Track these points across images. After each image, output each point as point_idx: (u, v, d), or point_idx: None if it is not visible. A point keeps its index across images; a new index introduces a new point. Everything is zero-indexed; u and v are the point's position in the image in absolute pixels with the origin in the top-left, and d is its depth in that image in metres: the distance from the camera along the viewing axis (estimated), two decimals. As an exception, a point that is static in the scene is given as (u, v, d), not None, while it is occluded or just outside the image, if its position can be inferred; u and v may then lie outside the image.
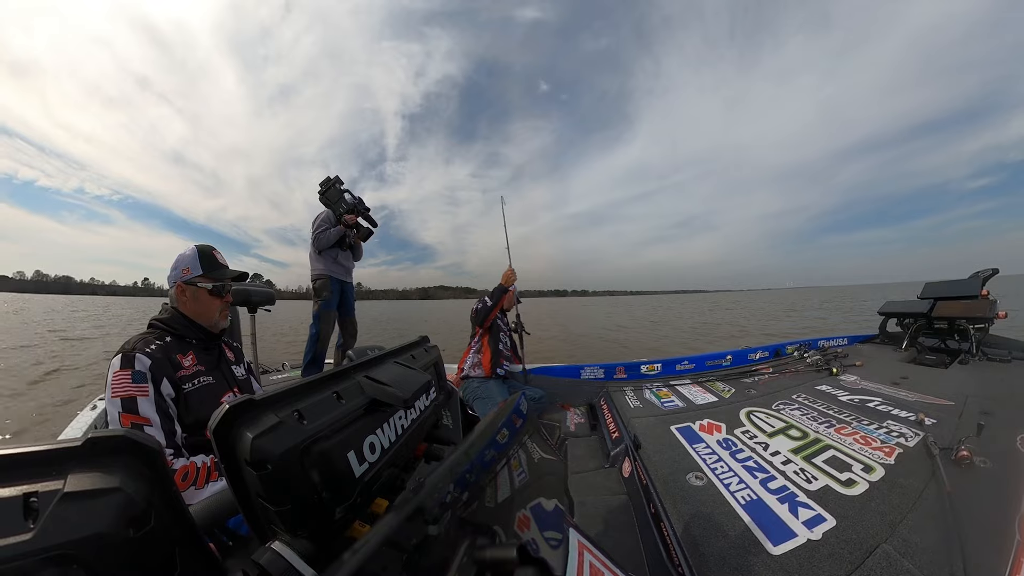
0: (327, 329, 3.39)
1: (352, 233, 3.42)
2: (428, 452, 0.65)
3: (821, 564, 1.29)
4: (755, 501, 1.65)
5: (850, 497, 1.64)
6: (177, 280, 1.36)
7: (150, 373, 1.15)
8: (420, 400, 0.64)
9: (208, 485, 1.09)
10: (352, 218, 3.33)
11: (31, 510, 0.26)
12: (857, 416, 2.50)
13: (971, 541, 1.32)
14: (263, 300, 2.72)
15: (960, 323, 4.10)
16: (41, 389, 7.31)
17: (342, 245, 3.39)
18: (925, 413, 2.39)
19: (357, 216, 3.40)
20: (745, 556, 1.36)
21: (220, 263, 1.43)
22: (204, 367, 1.32)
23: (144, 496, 0.31)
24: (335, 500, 0.41)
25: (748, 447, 2.15)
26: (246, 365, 1.57)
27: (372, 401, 0.51)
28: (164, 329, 1.32)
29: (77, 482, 0.28)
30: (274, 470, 0.36)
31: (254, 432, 0.37)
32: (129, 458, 0.32)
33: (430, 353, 0.86)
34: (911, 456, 1.92)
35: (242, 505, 0.39)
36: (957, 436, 1.99)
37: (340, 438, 0.44)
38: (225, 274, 1.42)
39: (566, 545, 0.62)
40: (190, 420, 1.20)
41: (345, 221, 3.30)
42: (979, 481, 1.66)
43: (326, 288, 3.32)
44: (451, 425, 0.92)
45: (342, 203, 3.32)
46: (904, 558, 1.28)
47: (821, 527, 1.46)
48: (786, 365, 4.06)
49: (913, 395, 2.83)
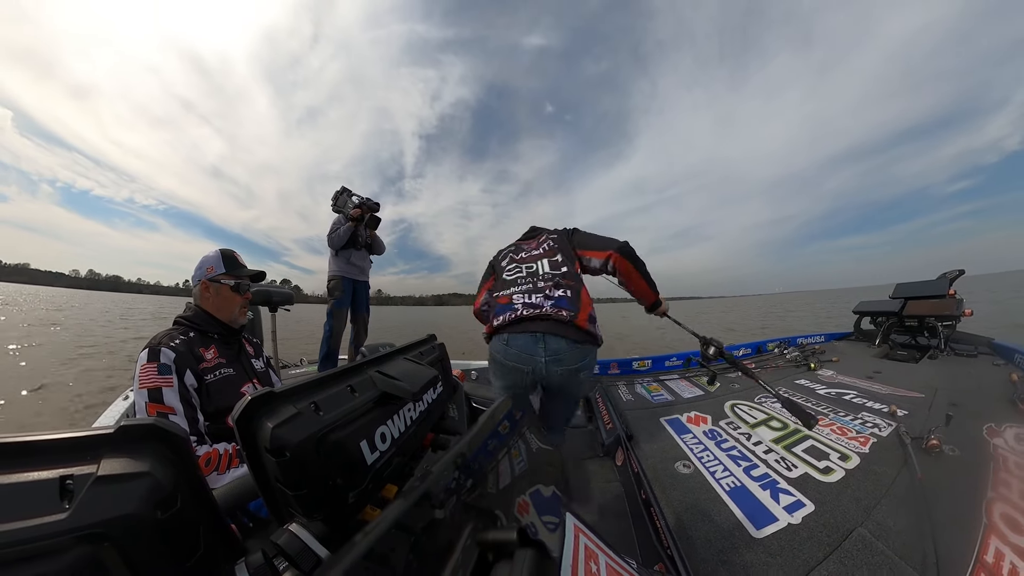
0: (339, 326, 3.39)
1: (365, 233, 3.41)
2: (435, 442, 0.65)
3: (801, 546, 1.28)
4: (739, 488, 1.65)
5: (828, 484, 1.63)
6: (202, 278, 1.37)
7: (174, 365, 1.15)
8: (427, 393, 0.64)
9: (230, 471, 1.09)
10: (358, 212, 3.29)
11: (67, 491, 0.26)
12: (834, 408, 2.49)
13: (941, 524, 1.31)
14: (283, 300, 2.73)
15: (929, 321, 4.09)
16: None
17: (356, 244, 3.38)
18: (897, 405, 2.38)
19: (363, 211, 3.34)
20: (730, 539, 1.36)
21: (240, 263, 1.44)
22: (225, 360, 1.32)
23: (171, 480, 0.31)
24: (348, 486, 0.41)
25: (732, 437, 2.14)
26: (265, 359, 1.57)
27: (383, 394, 0.51)
28: (188, 325, 1.33)
29: (109, 466, 0.29)
30: (292, 457, 0.36)
31: (274, 422, 0.37)
32: (157, 444, 0.32)
33: (437, 350, 0.86)
34: (884, 445, 1.91)
35: (262, 489, 0.39)
36: (927, 426, 1.98)
37: (353, 428, 0.44)
38: (244, 272, 1.43)
39: (563, 528, 0.61)
40: (211, 409, 1.20)
41: (351, 215, 3.29)
42: (948, 468, 1.65)
43: (338, 288, 3.34)
44: (456, 417, 0.92)
45: (349, 205, 3.32)
46: (879, 540, 1.27)
47: (801, 512, 1.46)
48: (767, 361, 4.05)
49: (886, 388, 2.83)
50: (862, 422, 2.22)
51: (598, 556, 0.59)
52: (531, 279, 1.62)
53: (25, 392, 5.82)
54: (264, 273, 1.52)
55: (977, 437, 1.91)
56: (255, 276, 1.48)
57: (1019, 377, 2.75)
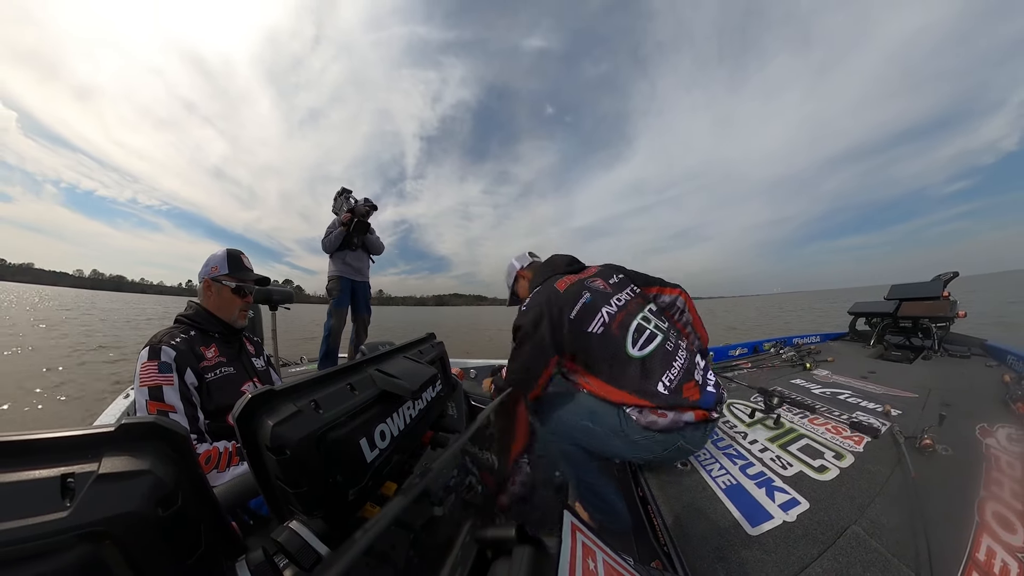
0: (338, 325, 3.41)
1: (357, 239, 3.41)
2: (434, 439, 0.65)
3: (796, 543, 1.29)
4: (734, 486, 1.65)
5: (822, 482, 1.64)
6: (205, 276, 1.37)
7: (175, 364, 1.15)
8: (427, 392, 0.64)
9: (230, 469, 1.08)
10: (347, 216, 3.30)
11: (68, 490, 0.26)
12: (829, 407, 2.50)
13: (934, 522, 1.32)
14: (283, 299, 2.73)
15: (923, 322, 4.12)
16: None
17: (351, 246, 3.38)
18: (891, 404, 2.39)
19: (352, 215, 3.34)
20: (725, 536, 1.36)
21: (245, 266, 1.44)
22: (226, 359, 1.32)
23: (172, 478, 0.31)
24: (348, 483, 0.41)
25: (728, 436, 2.14)
26: (266, 358, 1.57)
27: (383, 392, 0.51)
28: (189, 324, 1.32)
29: (111, 464, 0.28)
30: (292, 455, 0.36)
31: (274, 420, 0.37)
32: (158, 443, 0.32)
33: (436, 349, 0.86)
34: (878, 444, 1.92)
35: (262, 487, 0.39)
36: (920, 426, 1.99)
37: (353, 426, 0.44)
38: (248, 276, 1.43)
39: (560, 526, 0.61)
40: (212, 407, 1.20)
41: (342, 220, 3.30)
42: (941, 467, 1.66)
43: (336, 288, 3.39)
44: (455, 415, 0.92)
45: (345, 208, 3.34)
46: (872, 538, 1.27)
47: (795, 510, 1.46)
48: (763, 360, 4.06)
49: (880, 388, 2.84)
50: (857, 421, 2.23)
51: (595, 553, 0.59)
52: (666, 349, 1.28)
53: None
54: (268, 279, 1.52)
55: (970, 437, 1.92)
56: (258, 280, 1.48)
57: (1011, 378, 2.77)
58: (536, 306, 1.33)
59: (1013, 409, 2.25)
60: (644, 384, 1.24)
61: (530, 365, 1.30)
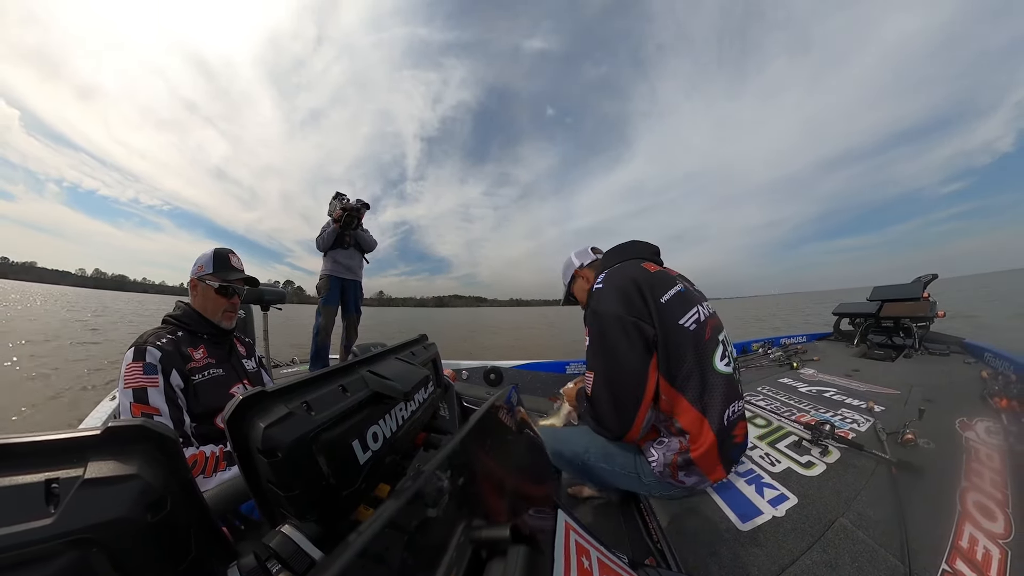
0: (326, 323, 3.40)
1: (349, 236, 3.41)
2: (427, 441, 0.64)
3: (786, 537, 1.30)
4: (725, 483, 1.67)
5: (810, 477, 1.66)
6: (192, 275, 1.35)
7: (160, 365, 1.12)
8: (419, 393, 0.63)
9: (216, 474, 1.05)
10: (339, 213, 3.30)
11: (52, 495, 0.25)
12: (815, 405, 2.54)
13: (918, 513, 1.35)
14: (275, 299, 2.69)
15: (904, 322, 4.21)
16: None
17: (343, 244, 3.38)
18: (875, 401, 2.44)
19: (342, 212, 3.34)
20: (718, 532, 1.37)
21: (232, 266, 1.39)
22: (214, 360, 1.28)
23: (161, 482, 0.30)
24: (341, 485, 0.41)
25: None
26: (257, 359, 1.54)
27: (375, 394, 0.51)
28: (176, 324, 1.29)
29: (97, 469, 0.27)
30: (284, 457, 0.36)
31: (266, 422, 0.36)
32: (146, 446, 0.31)
33: (428, 350, 0.86)
34: (863, 439, 1.96)
35: (254, 491, 0.38)
36: (903, 421, 2.03)
37: (345, 428, 0.44)
38: (233, 276, 1.38)
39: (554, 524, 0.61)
40: (199, 410, 1.16)
41: (334, 218, 3.31)
42: (923, 460, 1.70)
43: (325, 286, 3.40)
44: (448, 416, 0.91)
45: (337, 208, 3.35)
46: (859, 530, 1.30)
47: (784, 505, 1.48)
48: (752, 360, 4.12)
49: (864, 385, 2.89)
50: (841, 418, 2.27)
51: (589, 552, 0.60)
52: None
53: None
54: (256, 280, 1.48)
55: (950, 431, 1.97)
56: (247, 281, 1.43)
57: (989, 374, 2.84)
58: (618, 286, 1.06)
59: (991, 403, 2.31)
60: (720, 413, 1.01)
61: (628, 369, 0.98)
